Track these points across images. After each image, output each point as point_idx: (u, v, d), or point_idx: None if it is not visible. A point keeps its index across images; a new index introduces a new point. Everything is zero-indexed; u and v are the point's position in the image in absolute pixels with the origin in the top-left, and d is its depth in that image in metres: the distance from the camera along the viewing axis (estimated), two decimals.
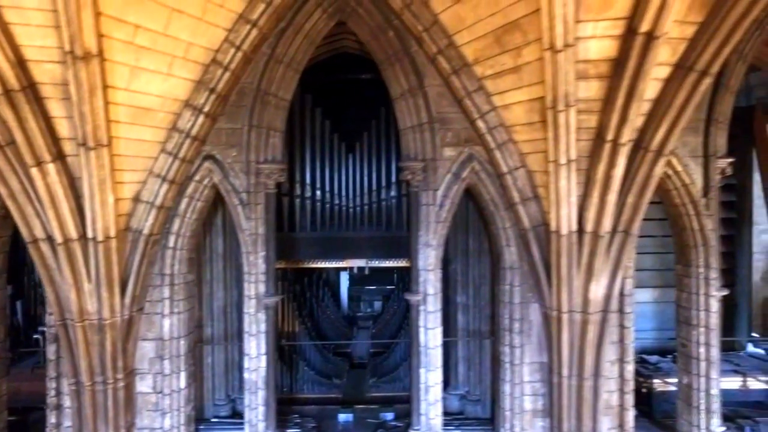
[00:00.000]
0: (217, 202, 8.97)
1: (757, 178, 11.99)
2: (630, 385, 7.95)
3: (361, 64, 10.38)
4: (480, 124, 7.23)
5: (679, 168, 7.97)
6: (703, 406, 8.13)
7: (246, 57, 7.03)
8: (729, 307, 12.18)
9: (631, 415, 8.03)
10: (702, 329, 8.12)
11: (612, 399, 7.99)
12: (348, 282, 14.61)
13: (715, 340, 8.10)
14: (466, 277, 9.84)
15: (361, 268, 10.98)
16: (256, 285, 8.09)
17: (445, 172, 7.96)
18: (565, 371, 7.11)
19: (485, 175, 7.82)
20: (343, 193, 10.43)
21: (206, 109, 6.97)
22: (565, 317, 6.99)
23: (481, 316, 9.71)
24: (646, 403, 9.97)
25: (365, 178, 10.46)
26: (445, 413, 8.81)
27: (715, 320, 8.10)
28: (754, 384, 9.80)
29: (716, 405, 8.13)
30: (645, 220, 11.77)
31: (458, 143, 7.91)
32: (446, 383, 9.52)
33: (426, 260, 8.02)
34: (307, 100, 10.30)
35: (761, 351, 11.41)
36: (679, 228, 8.47)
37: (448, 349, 9.59)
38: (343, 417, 9.59)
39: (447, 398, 9.55)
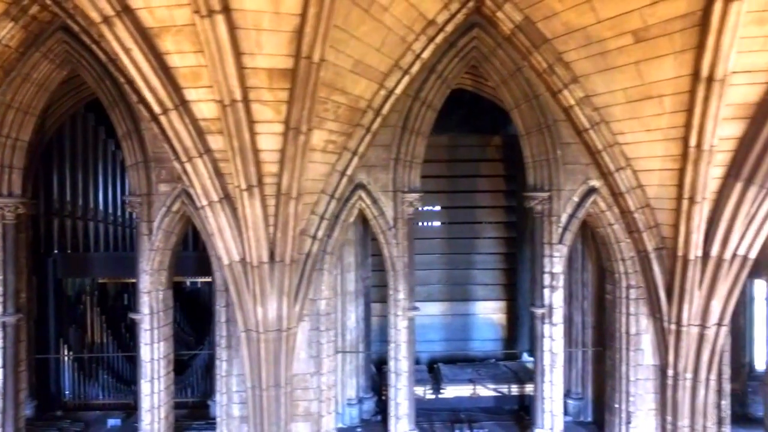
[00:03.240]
0: None
1: None
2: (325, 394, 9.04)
3: None
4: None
5: (368, 201, 8.97)
6: (393, 413, 9.15)
7: None
8: (512, 319, 13.28)
9: (330, 419, 9.10)
10: (392, 344, 9.13)
11: (311, 407, 9.06)
12: None
13: (405, 354, 9.10)
14: None
15: None
16: None
17: (160, 205, 8.95)
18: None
19: None
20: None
21: None
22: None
23: None
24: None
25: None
26: None
27: (404, 337, 9.10)
28: (483, 391, 10.85)
29: (406, 411, 9.13)
30: (432, 239, 12.96)
31: (172, 180, 8.91)
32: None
33: (143, 284, 9.01)
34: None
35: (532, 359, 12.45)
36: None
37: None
38: (111, 422, 10.56)
39: None
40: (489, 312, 13.14)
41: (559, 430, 9.20)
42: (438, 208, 13.32)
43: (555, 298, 9.11)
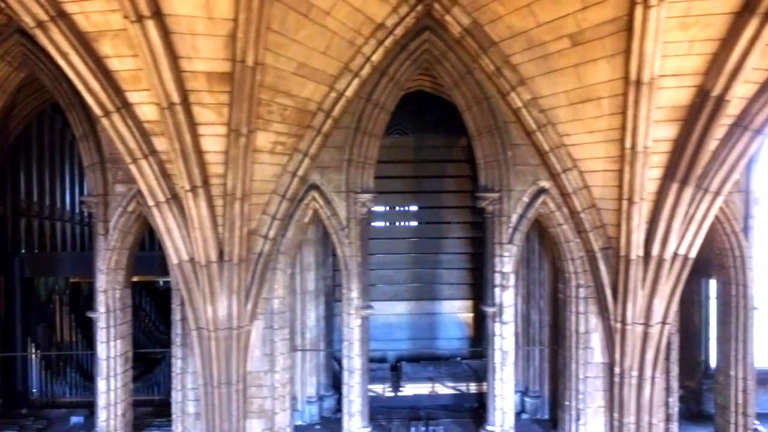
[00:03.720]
0: None
1: None
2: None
3: None
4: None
5: (321, 202, 9.12)
6: (346, 410, 9.29)
7: None
8: (477, 318, 13.41)
9: (284, 416, 9.26)
10: (346, 342, 9.28)
11: (265, 404, 9.20)
12: None
13: (359, 351, 9.24)
14: None
15: None
16: None
17: (116, 206, 9.10)
18: None
19: None
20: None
21: None
22: None
23: None
24: None
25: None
26: None
27: (357, 335, 9.24)
28: (442, 389, 11.01)
29: (359, 409, 9.27)
30: (399, 239, 13.11)
31: (128, 180, 9.04)
32: None
33: (99, 282, 9.17)
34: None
35: None
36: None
37: None
38: (74, 419, 10.71)
39: None
40: (455, 311, 13.27)
41: (509, 427, 9.33)
42: (415, 208, 13.49)
43: (505, 297, 9.25)
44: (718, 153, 7.56)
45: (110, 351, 9.21)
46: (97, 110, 6.87)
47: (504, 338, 9.29)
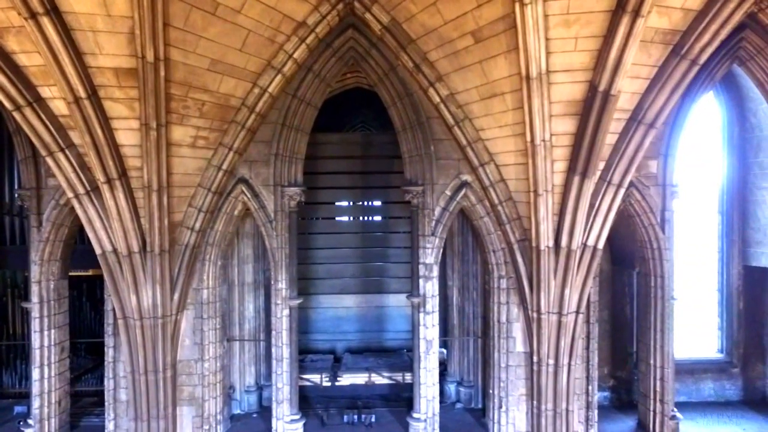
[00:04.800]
0: None
1: None
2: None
3: None
4: None
5: (250, 195, 9.37)
6: (275, 398, 9.54)
7: None
8: None
9: (213, 404, 9.52)
10: (274, 332, 9.53)
11: (195, 391, 9.46)
12: None
13: (286, 341, 9.48)
14: None
15: None
16: None
17: (49, 199, 9.36)
18: None
19: None
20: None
21: None
22: None
23: None
24: None
25: None
26: None
27: (284, 325, 9.47)
28: (379, 379, 11.28)
29: (287, 397, 9.50)
30: (346, 233, 13.33)
31: None
32: None
33: (33, 274, 9.42)
34: None
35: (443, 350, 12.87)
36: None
37: None
38: (18, 408, 10.97)
39: None
40: (402, 304, 13.50)
41: (434, 414, 9.58)
42: (348, 203, 13.74)
43: (428, 287, 9.50)
44: (618, 146, 7.82)
45: (44, 340, 9.45)
46: (7, 104, 7.13)
47: (427, 327, 9.54)
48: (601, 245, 8.49)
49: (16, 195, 9.60)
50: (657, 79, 7.29)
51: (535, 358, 9.15)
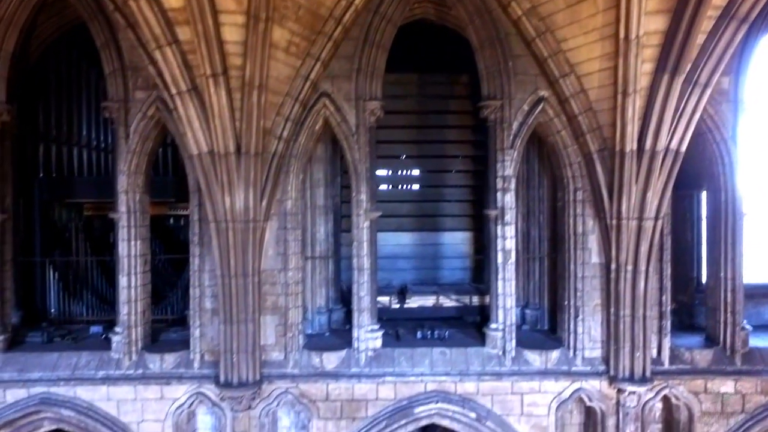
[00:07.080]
0: None
1: None
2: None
3: None
4: None
5: (332, 109, 9.60)
6: (355, 306, 9.77)
7: None
8: (479, 249, 13.89)
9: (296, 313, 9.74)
10: (355, 242, 9.75)
11: (279, 301, 9.69)
12: None
13: (366, 251, 9.71)
14: None
15: None
16: None
17: (136, 111, 9.57)
18: None
19: None
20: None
21: None
22: None
23: None
24: None
25: None
26: None
27: (365, 236, 9.70)
28: (447, 302, 11.54)
29: (368, 306, 9.74)
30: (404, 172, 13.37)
31: (147, 87, 9.50)
32: None
33: (120, 184, 9.63)
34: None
35: None
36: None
37: None
38: (94, 329, 11.17)
39: None
40: (457, 242, 13.74)
41: (511, 324, 9.81)
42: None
43: (506, 199, 9.73)
44: (706, 45, 8.06)
45: (130, 250, 9.66)
46: None
47: (505, 239, 9.77)
48: (683, 148, 8.73)
49: (103, 107, 9.72)
50: None
51: (613, 266, 9.40)
